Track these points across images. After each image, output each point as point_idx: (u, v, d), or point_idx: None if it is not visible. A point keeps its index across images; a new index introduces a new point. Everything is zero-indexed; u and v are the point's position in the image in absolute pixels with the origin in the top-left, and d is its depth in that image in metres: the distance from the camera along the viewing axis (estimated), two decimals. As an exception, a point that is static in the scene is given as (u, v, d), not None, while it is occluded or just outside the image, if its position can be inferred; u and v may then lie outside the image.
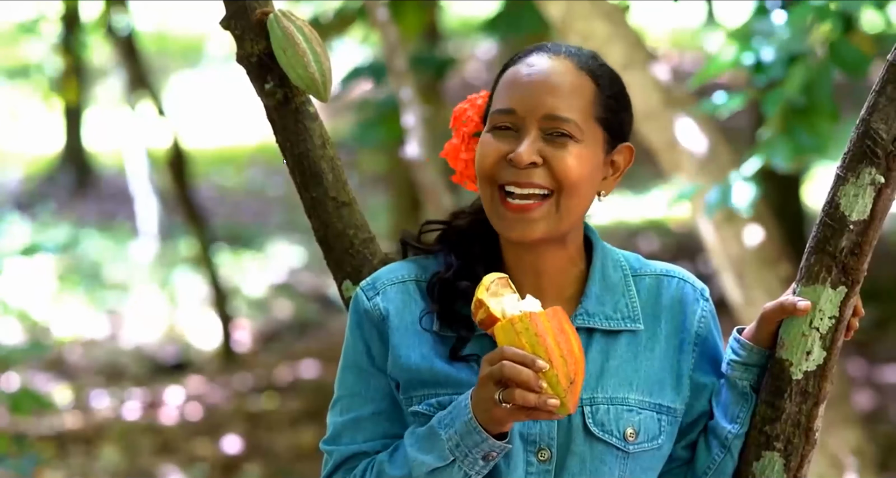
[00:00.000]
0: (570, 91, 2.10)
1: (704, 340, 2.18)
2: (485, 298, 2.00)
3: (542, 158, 2.08)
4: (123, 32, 9.37)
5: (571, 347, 1.96)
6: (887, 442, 6.69)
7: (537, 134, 2.09)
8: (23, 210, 12.28)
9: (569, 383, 1.94)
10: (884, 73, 2.10)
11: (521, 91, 2.11)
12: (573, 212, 2.11)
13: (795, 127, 3.76)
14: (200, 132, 14.90)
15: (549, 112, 2.09)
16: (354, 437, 2.16)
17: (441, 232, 2.23)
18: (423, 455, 2.04)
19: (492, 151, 2.11)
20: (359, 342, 2.17)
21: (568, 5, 4.23)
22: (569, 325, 1.98)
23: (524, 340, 1.95)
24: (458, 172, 2.24)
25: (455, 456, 2.01)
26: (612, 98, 2.14)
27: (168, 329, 9.55)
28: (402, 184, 8.49)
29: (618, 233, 10.77)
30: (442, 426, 2.03)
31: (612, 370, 2.13)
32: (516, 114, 2.10)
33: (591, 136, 2.11)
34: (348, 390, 2.17)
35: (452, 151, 2.23)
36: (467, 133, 2.21)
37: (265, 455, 7.25)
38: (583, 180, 2.10)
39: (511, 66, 2.15)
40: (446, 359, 2.11)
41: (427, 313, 2.14)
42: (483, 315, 2.00)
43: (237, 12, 2.33)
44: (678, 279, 2.20)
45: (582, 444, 2.09)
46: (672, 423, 2.15)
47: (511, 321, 1.97)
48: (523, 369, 1.93)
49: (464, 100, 2.25)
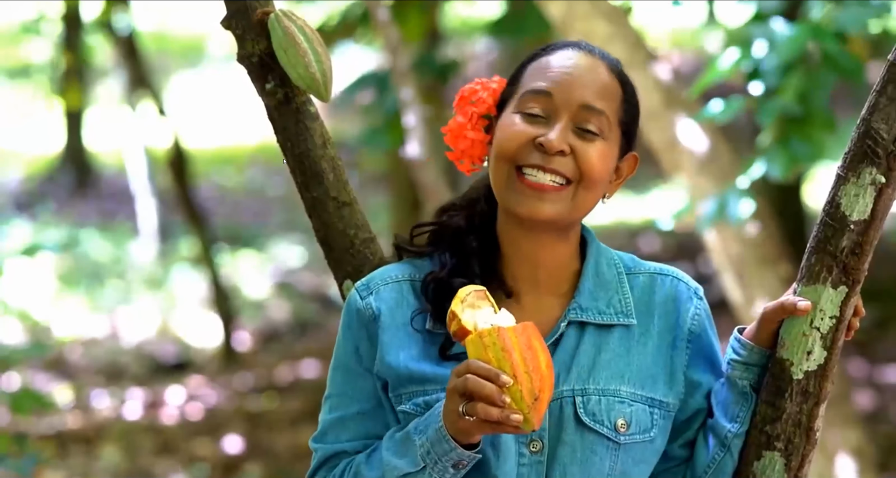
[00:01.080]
0: (604, 89, 2.13)
1: (698, 338, 2.19)
2: (458, 311, 2.00)
3: (570, 148, 2.09)
4: (124, 32, 9.37)
5: (538, 364, 1.96)
6: (887, 442, 6.69)
7: (568, 123, 2.10)
8: (23, 210, 12.28)
9: (533, 400, 1.95)
10: (884, 73, 2.10)
11: (561, 77, 2.12)
12: (586, 205, 2.13)
13: (791, 136, 3.77)
14: (200, 132, 14.90)
15: (588, 102, 2.10)
16: (339, 436, 2.18)
17: (432, 232, 2.23)
18: (396, 460, 2.06)
19: (519, 132, 2.11)
20: (348, 342, 2.18)
21: (568, 5, 4.23)
22: (538, 341, 1.98)
23: (491, 354, 1.96)
24: (460, 150, 2.22)
25: (426, 463, 2.03)
26: (633, 106, 2.18)
27: (168, 329, 9.55)
28: (402, 184, 8.48)
29: (618, 233, 10.77)
30: (417, 432, 2.04)
31: (604, 363, 2.14)
32: (552, 98, 2.11)
33: (614, 137, 2.14)
34: (337, 388, 2.19)
35: (457, 129, 2.21)
36: (477, 113, 2.20)
37: (265, 455, 7.25)
38: (602, 177, 2.12)
39: (543, 56, 2.16)
40: (436, 358, 2.12)
41: (419, 313, 2.15)
42: (455, 327, 2.01)
43: (238, 12, 2.33)
44: (672, 278, 2.21)
45: (573, 433, 2.10)
46: (665, 417, 2.15)
47: (480, 335, 1.97)
48: (486, 384, 1.94)
49: (473, 82, 2.22)
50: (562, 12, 4.25)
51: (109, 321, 9.72)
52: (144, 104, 9.79)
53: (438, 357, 2.12)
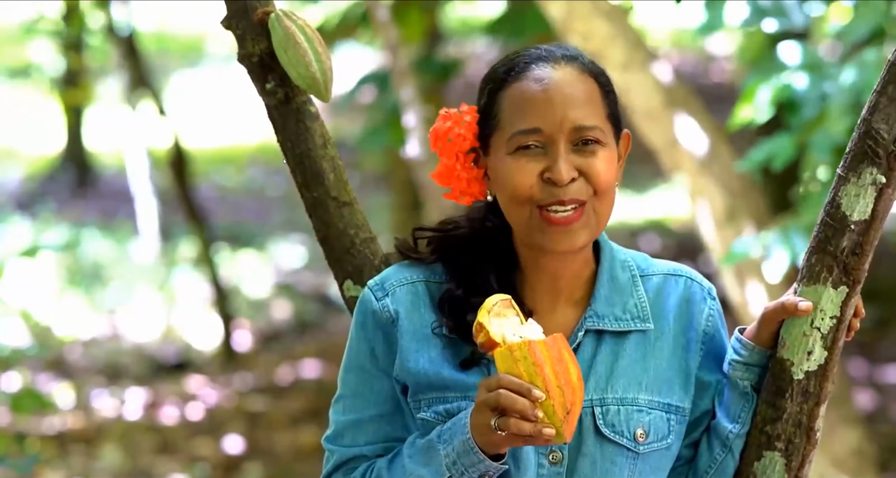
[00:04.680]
0: (586, 98, 2.09)
1: (711, 339, 2.19)
2: (486, 322, 1.99)
3: (577, 171, 2.08)
4: (124, 32, 9.37)
5: (570, 377, 1.95)
6: (888, 442, 6.69)
7: (567, 147, 2.08)
8: (23, 210, 12.27)
9: (565, 413, 1.94)
10: (884, 73, 2.09)
11: (542, 108, 2.08)
12: (607, 213, 2.12)
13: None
14: (200, 132, 14.89)
15: (577, 123, 2.08)
16: (356, 438, 2.16)
17: (438, 240, 2.19)
18: (420, 468, 2.05)
19: (525, 173, 2.08)
20: (363, 343, 2.16)
21: (568, 5, 4.23)
22: (569, 353, 1.97)
23: (522, 368, 1.94)
24: (457, 189, 2.18)
25: (451, 473, 2.02)
26: (610, 92, 2.14)
27: (168, 329, 9.55)
28: (402, 184, 8.49)
29: (619, 233, 10.76)
30: (441, 441, 2.03)
31: (622, 371, 2.13)
32: (543, 132, 2.08)
33: (609, 135, 2.12)
34: (351, 390, 2.17)
35: (446, 171, 2.17)
36: (460, 151, 2.16)
37: (265, 455, 7.25)
38: (613, 182, 2.11)
39: (513, 82, 2.11)
40: (456, 363, 2.11)
41: (438, 327, 2.13)
42: (483, 339, 1.99)
43: (238, 12, 2.33)
44: (686, 278, 2.20)
45: (593, 445, 2.10)
46: (681, 422, 2.15)
47: (510, 348, 1.96)
48: (519, 399, 1.93)
49: (441, 118, 2.17)
50: (562, 12, 4.25)
51: (110, 321, 9.71)
52: (144, 104, 9.79)
53: (460, 366, 2.10)
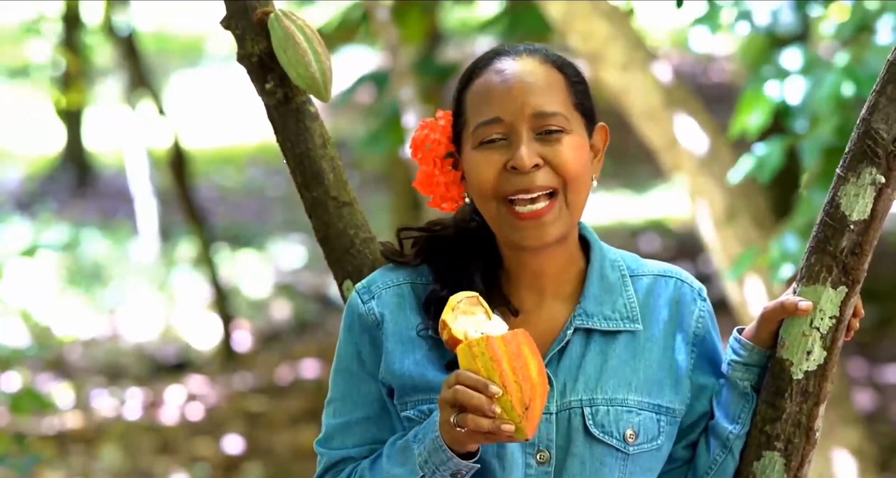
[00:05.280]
0: (546, 86, 2.10)
1: (703, 341, 2.18)
2: (448, 319, 1.99)
3: (541, 159, 2.08)
4: (124, 32, 9.37)
5: (528, 372, 1.94)
6: (888, 442, 6.69)
7: (530, 135, 2.08)
8: (23, 210, 12.27)
9: (524, 409, 1.93)
10: (884, 73, 2.09)
11: (502, 97, 2.09)
12: (580, 205, 2.11)
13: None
14: (200, 132, 14.89)
15: (537, 110, 2.08)
16: (344, 441, 2.17)
17: (424, 241, 2.20)
18: (396, 468, 2.06)
19: (489, 165, 2.09)
20: (350, 346, 2.17)
21: (568, 5, 4.23)
22: (529, 348, 1.96)
23: (479, 364, 1.95)
24: (438, 196, 2.19)
25: (424, 472, 2.02)
26: (579, 83, 2.14)
27: (168, 329, 9.55)
28: (402, 184, 8.48)
29: (619, 233, 10.76)
30: (415, 441, 2.04)
31: (611, 371, 2.12)
32: (504, 122, 2.08)
33: (576, 124, 2.11)
34: (339, 393, 2.18)
35: (426, 178, 2.19)
36: (437, 156, 2.17)
37: (265, 455, 7.25)
38: (583, 170, 2.10)
39: (476, 78, 2.13)
40: (442, 364, 2.11)
41: (423, 329, 2.13)
42: (447, 336, 2.00)
43: (238, 12, 2.33)
44: (675, 279, 2.20)
45: (582, 445, 2.09)
46: (671, 423, 2.14)
47: (469, 345, 1.96)
48: (475, 394, 1.93)
49: (419, 127, 2.19)
50: (562, 12, 4.25)
51: (109, 321, 9.71)
52: (144, 104, 9.79)
53: (444, 368, 2.10)
